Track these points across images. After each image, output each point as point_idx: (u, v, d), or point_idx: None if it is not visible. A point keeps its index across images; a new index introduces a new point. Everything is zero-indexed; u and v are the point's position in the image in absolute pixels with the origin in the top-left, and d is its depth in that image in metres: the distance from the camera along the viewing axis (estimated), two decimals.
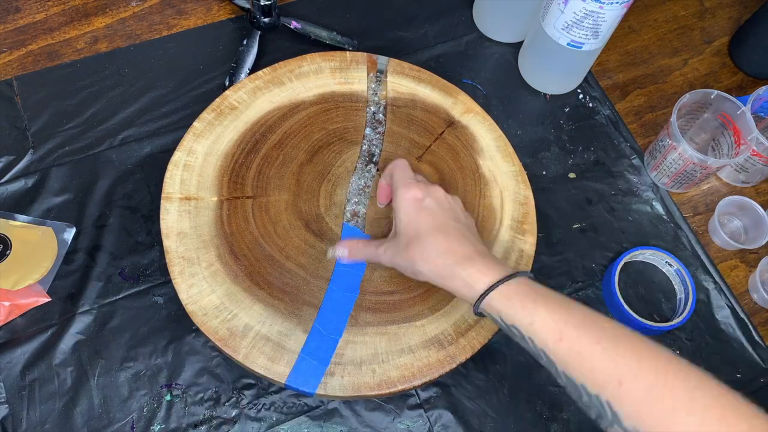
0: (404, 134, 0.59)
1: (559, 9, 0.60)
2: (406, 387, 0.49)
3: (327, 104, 0.59)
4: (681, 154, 0.61)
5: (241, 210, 0.53)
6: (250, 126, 0.57)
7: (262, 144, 0.56)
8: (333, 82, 0.60)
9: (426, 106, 0.61)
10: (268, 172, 0.56)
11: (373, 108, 0.60)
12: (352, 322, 0.51)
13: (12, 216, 0.58)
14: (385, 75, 0.61)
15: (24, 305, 0.55)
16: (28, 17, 0.68)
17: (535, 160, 0.67)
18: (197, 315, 0.49)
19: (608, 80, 0.73)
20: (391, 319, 0.52)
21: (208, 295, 0.50)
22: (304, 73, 0.60)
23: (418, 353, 0.50)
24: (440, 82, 0.62)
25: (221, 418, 0.53)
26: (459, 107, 0.61)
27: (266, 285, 0.51)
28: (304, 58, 0.60)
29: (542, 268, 0.62)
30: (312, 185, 0.56)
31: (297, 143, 0.57)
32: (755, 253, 0.65)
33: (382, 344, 0.50)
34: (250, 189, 0.54)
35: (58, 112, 0.63)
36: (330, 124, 0.59)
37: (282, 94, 0.59)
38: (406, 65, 0.62)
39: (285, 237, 0.53)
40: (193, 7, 0.71)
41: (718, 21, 0.78)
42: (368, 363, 0.50)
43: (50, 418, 0.52)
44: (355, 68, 0.61)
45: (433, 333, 0.51)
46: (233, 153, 0.55)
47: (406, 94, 0.61)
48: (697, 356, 0.60)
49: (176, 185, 0.53)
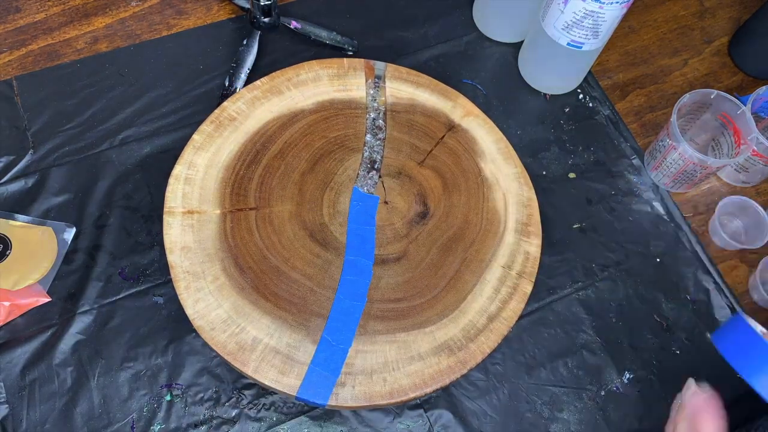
0: (405, 140, 0.59)
1: (559, 9, 0.60)
2: (417, 395, 0.49)
3: (326, 112, 0.59)
4: (681, 154, 0.61)
5: (244, 222, 0.53)
6: (250, 137, 0.57)
7: (263, 154, 0.56)
8: (332, 89, 0.60)
9: (426, 111, 0.61)
10: (271, 182, 0.55)
11: (372, 114, 0.60)
12: (361, 331, 0.51)
13: (12, 216, 0.58)
14: (384, 80, 0.61)
15: (24, 305, 0.55)
16: (28, 17, 0.68)
17: (535, 160, 0.67)
18: (205, 330, 0.49)
19: (608, 80, 0.73)
20: (399, 327, 0.51)
21: (215, 309, 0.50)
22: (302, 81, 0.60)
23: (429, 360, 0.50)
24: (439, 86, 0.62)
25: (221, 418, 0.53)
26: (459, 110, 0.61)
27: (273, 297, 0.51)
28: (301, 66, 0.60)
29: (542, 268, 0.62)
30: (315, 194, 0.56)
31: (298, 152, 0.57)
32: (755, 253, 0.65)
33: (392, 352, 0.50)
34: (252, 200, 0.54)
35: (58, 112, 0.63)
36: (330, 132, 0.58)
37: (281, 104, 0.58)
38: (404, 70, 0.62)
39: (290, 248, 0.53)
40: (193, 7, 0.71)
41: (718, 21, 0.78)
42: (379, 372, 0.49)
43: (50, 418, 0.52)
44: (353, 75, 0.61)
45: (442, 339, 0.51)
46: (234, 165, 0.55)
47: (405, 99, 0.61)
48: (697, 356, 0.60)
49: (178, 199, 0.53)
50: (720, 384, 0.60)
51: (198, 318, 0.49)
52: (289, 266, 0.52)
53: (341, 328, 0.51)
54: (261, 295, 0.51)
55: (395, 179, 0.57)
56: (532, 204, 0.58)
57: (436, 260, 0.54)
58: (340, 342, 0.50)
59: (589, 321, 0.60)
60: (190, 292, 0.50)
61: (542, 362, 0.58)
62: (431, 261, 0.54)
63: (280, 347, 0.49)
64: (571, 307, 0.60)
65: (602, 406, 0.57)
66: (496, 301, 0.53)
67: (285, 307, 0.51)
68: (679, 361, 0.59)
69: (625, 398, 0.58)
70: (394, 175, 0.57)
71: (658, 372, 0.59)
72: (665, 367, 0.59)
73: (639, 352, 0.59)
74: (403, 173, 0.58)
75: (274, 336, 0.49)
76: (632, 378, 0.58)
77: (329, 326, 0.51)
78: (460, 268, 0.54)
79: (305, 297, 0.51)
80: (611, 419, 0.56)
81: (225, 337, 0.49)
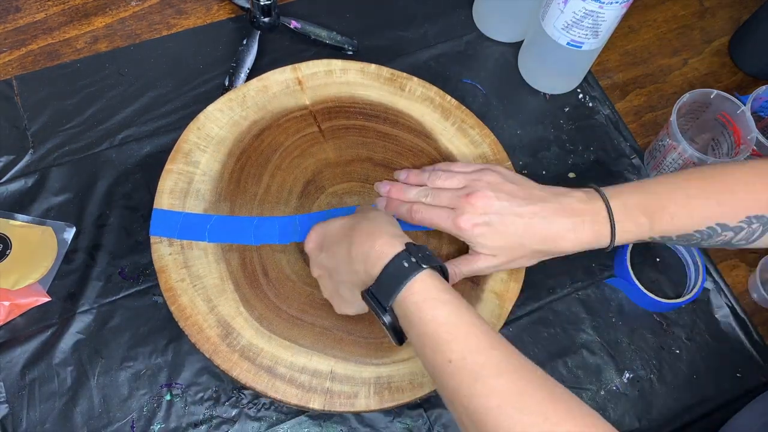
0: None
1: (558, 9, 0.60)
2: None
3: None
4: (681, 153, 0.61)
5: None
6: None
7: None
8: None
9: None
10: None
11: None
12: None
13: (12, 216, 0.58)
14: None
15: (24, 305, 0.55)
16: (28, 17, 0.68)
17: (535, 160, 0.67)
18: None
19: (608, 80, 0.73)
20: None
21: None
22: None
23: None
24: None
25: (221, 417, 0.53)
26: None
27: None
28: None
29: (542, 267, 0.62)
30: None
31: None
32: (755, 253, 0.65)
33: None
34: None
35: (58, 112, 0.63)
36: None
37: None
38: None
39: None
40: (193, 6, 0.71)
41: (718, 21, 0.78)
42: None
43: (50, 418, 0.52)
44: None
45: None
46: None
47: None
48: (697, 356, 0.60)
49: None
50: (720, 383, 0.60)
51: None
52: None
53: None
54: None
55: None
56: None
57: None
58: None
59: (589, 321, 0.60)
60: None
61: (542, 362, 0.58)
62: None
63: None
64: (571, 307, 0.60)
65: (602, 406, 0.57)
66: None
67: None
68: (679, 361, 0.59)
69: (625, 398, 0.58)
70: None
71: (658, 372, 0.59)
72: (665, 367, 0.59)
73: (639, 352, 0.59)
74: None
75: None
76: (632, 378, 0.58)
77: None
78: None
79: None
80: (611, 419, 0.56)
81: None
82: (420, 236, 0.56)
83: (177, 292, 0.50)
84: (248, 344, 0.50)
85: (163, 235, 0.52)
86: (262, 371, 0.49)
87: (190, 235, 0.53)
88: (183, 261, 0.52)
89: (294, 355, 0.50)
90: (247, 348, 0.50)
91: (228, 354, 0.49)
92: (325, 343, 0.51)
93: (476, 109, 0.68)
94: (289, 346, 0.50)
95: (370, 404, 0.49)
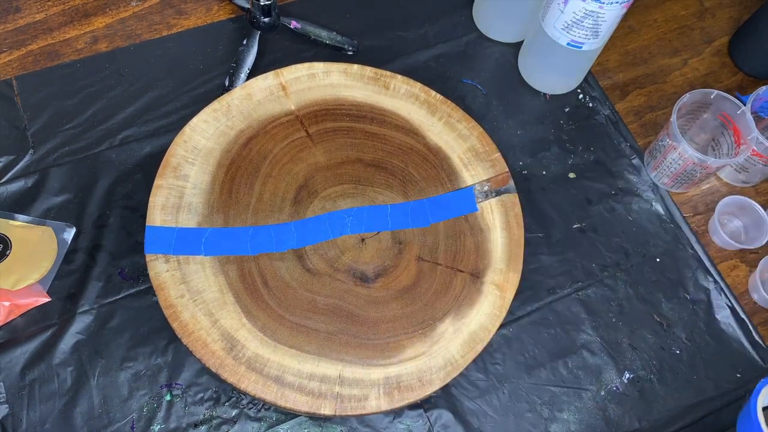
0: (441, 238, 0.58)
1: (559, 9, 0.60)
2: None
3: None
4: (681, 153, 0.61)
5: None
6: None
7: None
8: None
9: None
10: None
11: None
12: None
13: (12, 216, 0.58)
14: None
15: (24, 305, 0.55)
16: (28, 17, 0.68)
17: (535, 160, 0.67)
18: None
19: (608, 80, 0.73)
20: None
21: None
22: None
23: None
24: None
25: (221, 418, 0.53)
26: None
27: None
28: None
29: (542, 268, 0.62)
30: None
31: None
32: (755, 253, 0.65)
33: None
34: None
35: (58, 112, 0.63)
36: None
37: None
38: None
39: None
40: (193, 7, 0.71)
41: (718, 21, 0.78)
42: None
43: (50, 418, 0.52)
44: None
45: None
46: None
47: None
48: (697, 356, 0.60)
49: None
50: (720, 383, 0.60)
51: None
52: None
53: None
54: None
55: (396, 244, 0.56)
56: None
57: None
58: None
59: (589, 321, 0.60)
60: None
61: (542, 362, 0.58)
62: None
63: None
64: (571, 307, 0.60)
65: (602, 406, 0.57)
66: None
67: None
68: (679, 361, 0.59)
69: (625, 398, 0.58)
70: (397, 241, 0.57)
71: (658, 372, 0.59)
72: (665, 367, 0.59)
73: (639, 352, 0.59)
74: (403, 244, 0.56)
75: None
76: (632, 378, 0.58)
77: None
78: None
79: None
80: (611, 419, 0.56)
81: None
82: (416, 234, 0.56)
83: (178, 309, 0.50)
84: (254, 355, 0.50)
85: (159, 251, 0.52)
86: (271, 381, 0.49)
87: (185, 249, 0.52)
88: (181, 277, 0.51)
89: (301, 362, 0.50)
90: (254, 359, 0.49)
91: (235, 367, 0.49)
92: (331, 347, 0.51)
93: (476, 109, 0.68)
94: (295, 353, 0.50)
95: (381, 405, 0.49)
